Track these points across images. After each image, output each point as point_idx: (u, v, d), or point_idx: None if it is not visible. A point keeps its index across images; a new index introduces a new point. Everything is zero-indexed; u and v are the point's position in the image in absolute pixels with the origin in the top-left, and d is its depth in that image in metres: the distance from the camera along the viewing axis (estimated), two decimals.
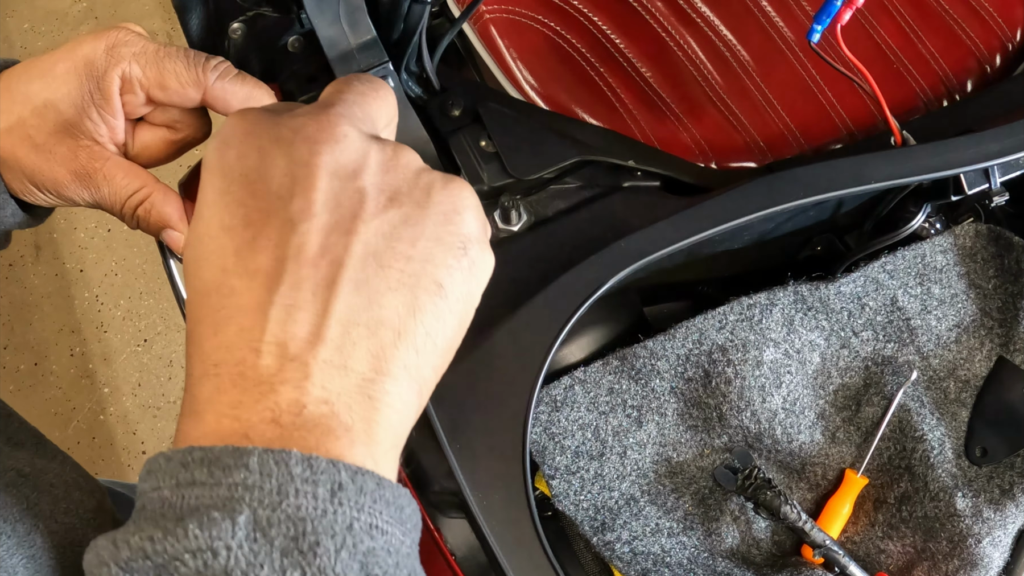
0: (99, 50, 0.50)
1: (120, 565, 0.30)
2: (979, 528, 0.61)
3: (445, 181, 0.38)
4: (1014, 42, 0.79)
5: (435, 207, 0.37)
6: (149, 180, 0.52)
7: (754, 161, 0.75)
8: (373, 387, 0.34)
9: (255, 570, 0.29)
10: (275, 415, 0.32)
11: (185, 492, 0.31)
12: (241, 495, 0.31)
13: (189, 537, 0.30)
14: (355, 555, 0.31)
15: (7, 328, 1.75)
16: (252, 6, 0.64)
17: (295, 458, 0.31)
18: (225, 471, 0.31)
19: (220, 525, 0.30)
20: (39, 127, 0.50)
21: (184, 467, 0.32)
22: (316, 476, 0.31)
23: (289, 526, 0.30)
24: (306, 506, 0.31)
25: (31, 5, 1.98)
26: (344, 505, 0.31)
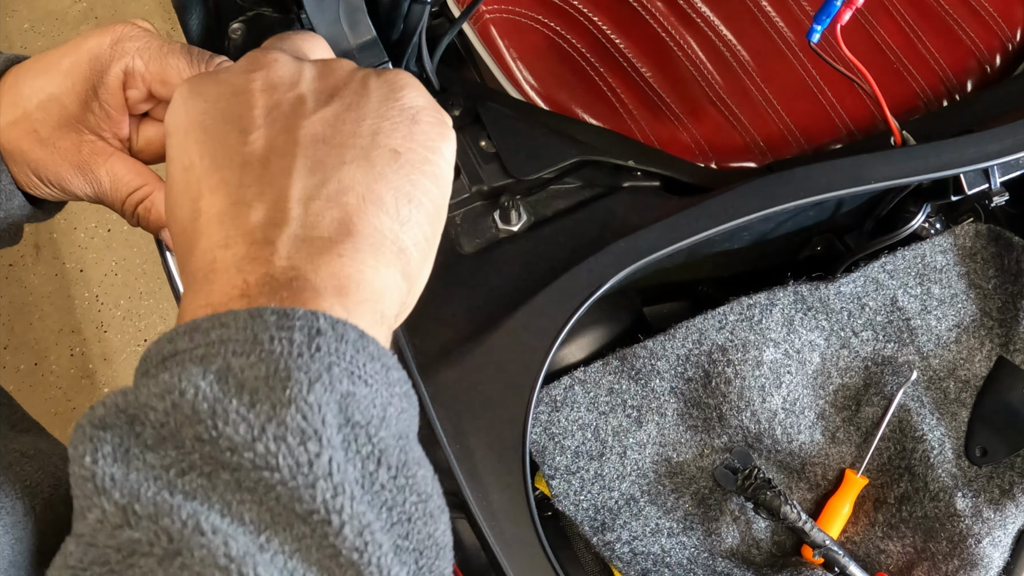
0: (104, 45, 0.50)
1: (94, 422, 0.30)
2: (979, 528, 0.61)
3: (380, 71, 0.40)
4: (1014, 42, 0.79)
5: (375, 91, 0.38)
6: (151, 178, 0.52)
7: (754, 161, 0.75)
8: (341, 247, 0.35)
9: (222, 404, 0.29)
10: (244, 290, 0.33)
11: (168, 362, 0.32)
12: (217, 350, 0.31)
13: (159, 382, 0.30)
14: (331, 393, 0.30)
15: (7, 328, 1.75)
16: (252, 6, 0.64)
17: (269, 309, 0.31)
18: (203, 333, 0.31)
19: (190, 370, 0.30)
20: (44, 121, 0.50)
21: (169, 342, 0.32)
22: (292, 323, 0.31)
23: (261, 368, 0.30)
24: (280, 350, 0.30)
25: (31, 5, 1.98)
26: (322, 350, 0.31)
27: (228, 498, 0.29)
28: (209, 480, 0.29)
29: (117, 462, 0.29)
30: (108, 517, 0.28)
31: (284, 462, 0.29)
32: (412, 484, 0.32)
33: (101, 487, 0.29)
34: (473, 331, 0.58)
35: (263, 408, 0.29)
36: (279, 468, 0.28)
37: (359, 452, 0.30)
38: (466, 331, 0.58)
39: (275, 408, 0.29)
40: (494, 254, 0.63)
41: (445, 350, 0.57)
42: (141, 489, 0.29)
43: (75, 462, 0.30)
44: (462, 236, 0.64)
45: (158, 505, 0.28)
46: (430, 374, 0.56)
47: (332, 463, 0.29)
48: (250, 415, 0.29)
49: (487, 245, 0.63)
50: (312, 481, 0.28)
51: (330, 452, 0.29)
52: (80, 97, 0.50)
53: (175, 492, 0.29)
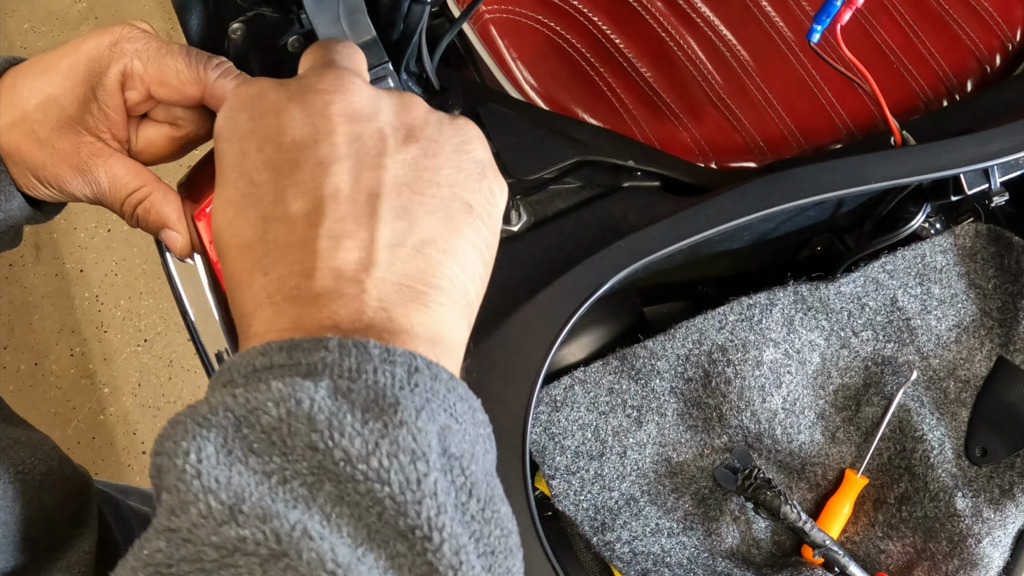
0: (103, 46, 0.50)
1: (198, 420, 0.30)
2: (979, 528, 0.61)
3: (452, 118, 0.40)
4: (1014, 42, 0.79)
5: (448, 139, 0.39)
6: (150, 179, 0.52)
7: (754, 161, 0.75)
8: (426, 298, 0.36)
9: (338, 417, 0.30)
10: (336, 322, 0.34)
11: (262, 374, 0.32)
12: (321, 370, 0.31)
13: (272, 390, 0.30)
14: (434, 423, 0.31)
15: (7, 328, 1.75)
16: (252, 6, 0.64)
17: (372, 343, 0.32)
18: (304, 353, 0.32)
19: (302, 384, 0.31)
20: (42, 122, 0.50)
21: (263, 355, 0.32)
22: (393, 358, 0.32)
23: (368, 392, 0.31)
24: (384, 381, 0.32)
25: (31, 5, 1.98)
26: (420, 387, 0.32)
27: (328, 510, 0.30)
28: (310, 490, 0.30)
29: (221, 463, 0.30)
30: (214, 514, 0.29)
31: (395, 477, 0.30)
32: (497, 518, 0.33)
33: (207, 486, 0.29)
34: (473, 331, 0.58)
35: (375, 426, 0.30)
36: (390, 483, 0.30)
37: (454, 482, 0.32)
38: None
39: (387, 427, 0.30)
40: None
41: None
42: (246, 492, 0.29)
43: (176, 456, 0.30)
44: None
45: (265, 508, 0.29)
46: None
47: (437, 484, 0.30)
48: (364, 431, 0.30)
49: None
50: (419, 498, 0.30)
51: (436, 475, 0.30)
52: (79, 98, 0.50)
53: (277, 499, 0.29)
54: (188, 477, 0.29)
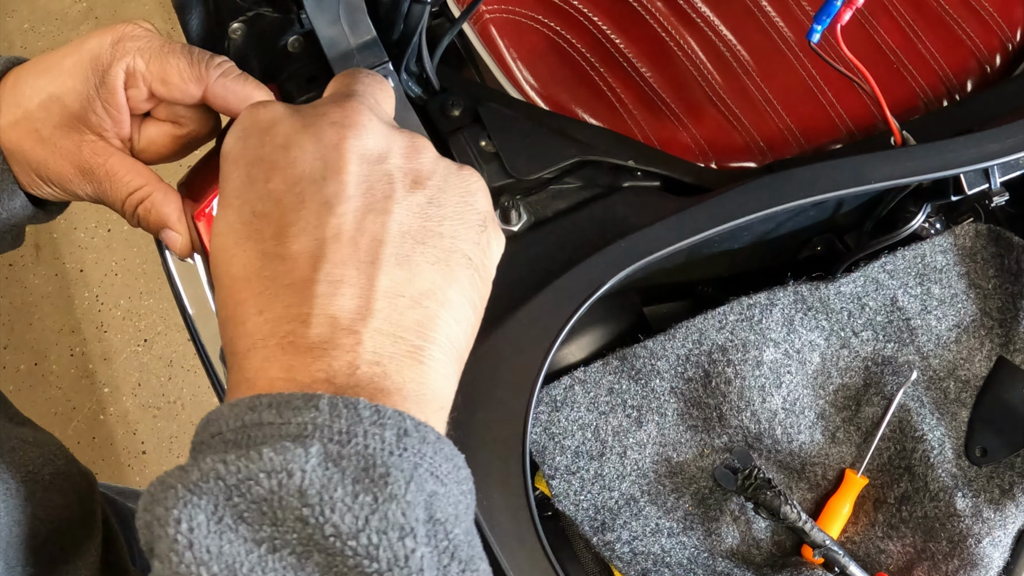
0: (105, 44, 0.50)
1: (188, 487, 0.30)
2: (979, 528, 0.61)
3: (458, 167, 0.40)
4: (1014, 42, 0.79)
5: (453, 189, 0.39)
6: (151, 179, 0.52)
7: (754, 161, 0.75)
8: (421, 353, 0.36)
9: (328, 491, 0.30)
10: (329, 375, 0.33)
11: (252, 432, 0.32)
12: (311, 432, 0.31)
13: (264, 459, 0.30)
14: (421, 492, 0.31)
15: (7, 328, 1.75)
16: (252, 6, 0.64)
17: (363, 403, 0.32)
18: (295, 411, 0.32)
19: (293, 451, 0.30)
20: (45, 120, 0.50)
21: (252, 410, 0.32)
22: (384, 420, 0.32)
23: (359, 460, 0.31)
24: (374, 446, 0.31)
25: (31, 5, 1.98)
26: (409, 451, 0.32)
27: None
28: (299, 560, 0.30)
29: (211, 533, 0.30)
30: None
31: (384, 554, 0.30)
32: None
33: (199, 558, 0.29)
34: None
35: (366, 499, 0.30)
36: (378, 559, 0.30)
37: (438, 547, 0.32)
38: None
39: (377, 501, 0.30)
40: None
41: None
42: (237, 563, 0.29)
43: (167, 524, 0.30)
44: None
45: None
46: None
47: (424, 560, 0.30)
48: (355, 505, 0.30)
49: None
50: (407, 575, 0.30)
51: (423, 550, 0.30)
52: (81, 96, 0.50)
53: (267, 569, 0.29)
54: (180, 548, 0.29)
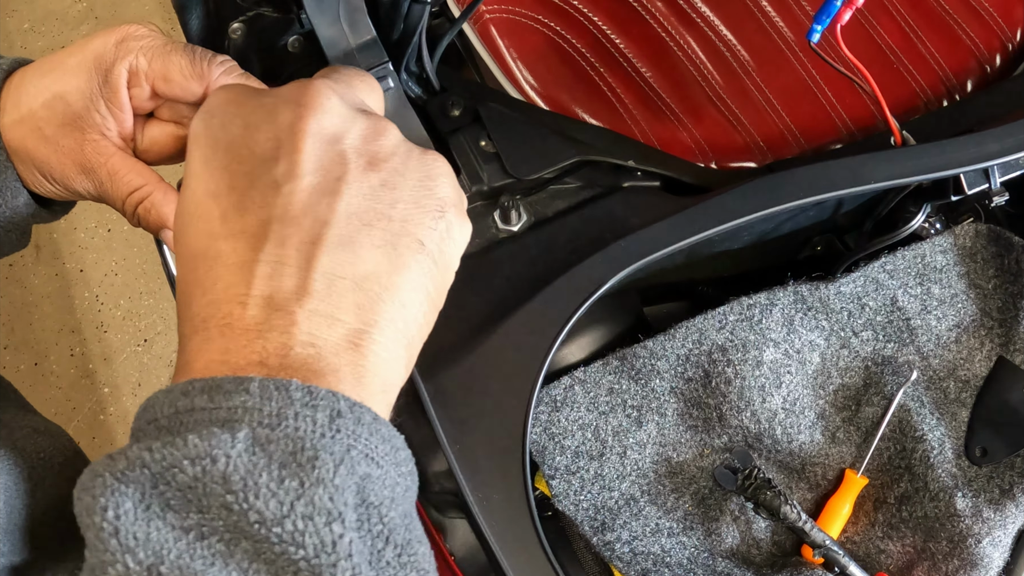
0: (109, 44, 0.50)
1: (116, 475, 0.30)
2: (979, 528, 0.61)
3: (422, 152, 0.40)
4: (1014, 42, 0.79)
5: (412, 173, 0.38)
6: (152, 179, 0.52)
7: (754, 161, 0.75)
8: (360, 337, 0.35)
9: (253, 476, 0.30)
10: (262, 358, 0.33)
11: (183, 417, 0.32)
12: (241, 416, 0.31)
13: (188, 446, 0.30)
14: (352, 476, 0.31)
15: (7, 328, 1.75)
16: (252, 6, 0.64)
17: (295, 384, 0.32)
18: (225, 396, 0.31)
19: (219, 437, 0.30)
20: (48, 119, 0.50)
21: (184, 395, 0.32)
22: (316, 402, 0.32)
23: (287, 443, 0.31)
24: (305, 428, 0.31)
25: (31, 5, 1.98)
26: (342, 432, 0.32)
27: (245, 566, 0.29)
28: (228, 547, 0.30)
29: (139, 520, 0.29)
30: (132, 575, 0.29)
31: (310, 540, 0.29)
32: (414, 562, 0.33)
33: (125, 544, 0.29)
34: (473, 331, 0.58)
35: (291, 484, 0.30)
36: (304, 546, 0.29)
37: (371, 531, 0.31)
38: (466, 331, 0.58)
39: (303, 486, 0.30)
40: (494, 254, 0.63)
41: (445, 350, 0.57)
42: (164, 549, 0.29)
43: (94, 513, 0.30)
44: None
45: (183, 569, 0.29)
46: (430, 374, 0.56)
47: (352, 545, 0.30)
48: (280, 491, 0.30)
49: (487, 245, 0.63)
50: (334, 561, 0.29)
51: (351, 535, 0.30)
52: (84, 95, 0.50)
53: (195, 556, 0.29)
54: (106, 535, 0.29)
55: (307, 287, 0.34)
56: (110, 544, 0.29)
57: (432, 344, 0.58)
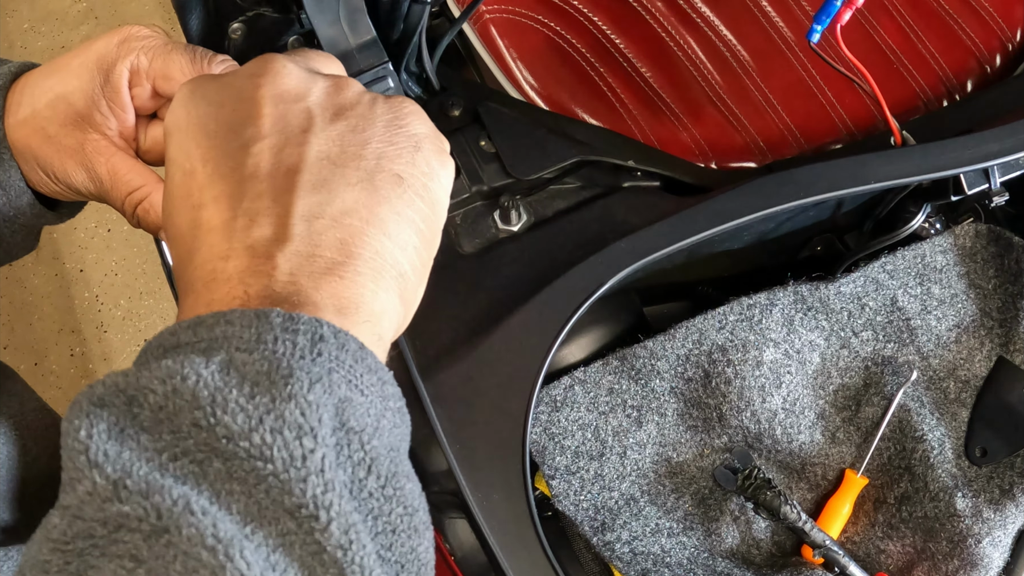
0: (111, 44, 0.51)
1: (92, 400, 0.30)
2: (979, 528, 0.61)
3: (387, 97, 0.40)
4: (1014, 42, 0.79)
5: (381, 116, 0.39)
6: (151, 179, 0.53)
7: (754, 161, 0.75)
8: (344, 268, 0.35)
9: (223, 393, 0.30)
10: (244, 300, 0.34)
11: (169, 352, 0.32)
12: (220, 344, 0.31)
13: (161, 368, 0.30)
14: (330, 396, 0.31)
15: (7, 328, 1.75)
16: (252, 6, 0.64)
17: (276, 312, 0.32)
18: (207, 328, 0.32)
19: (193, 359, 0.30)
20: (51, 119, 0.51)
21: (172, 334, 0.33)
22: (296, 326, 0.32)
23: (263, 364, 0.31)
24: (283, 351, 0.31)
25: (31, 5, 1.98)
26: (324, 355, 0.32)
27: (218, 487, 0.29)
28: (200, 467, 0.29)
29: (111, 439, 0.29)
30: (98, 490, 0.29)
31: (278, 454, 0.29)
32: (399, 496, 0.32)
33: (93, 460, 0.29)
34: (473, 331, 0.58)
35: (262, 400, 0.30)
36: (272, 460, 0.29)
37: (351, 457, 0.31)
38: (466, 331, 0.58)
39: (274, 401, 0.30)
40: (494, 254, 0.63)
41: (445, 350, 0.57)
42: (133, 467, 0.29)
43: (68, 435, 0.30)
44: (462, 236, 0.64)
45: (150, 483, 0.28)
46: (430, 374, 0.56)
47: (324, 460, 0.29)
48: (249, 406, 0.30)
49: (487, 245, 0.63)
50: (304, 476, 0.29)
51: (323, 451, 0.29)
52: (86, 95, 0.51)
53: (166, 474, 0.29)
54: (75, 454, 0.29)
55: (286, 232, 0.35)
56: (79, 461, 0.29)
57: (432, 344, 0.58)
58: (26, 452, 0.51)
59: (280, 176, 0.36)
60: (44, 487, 0.52)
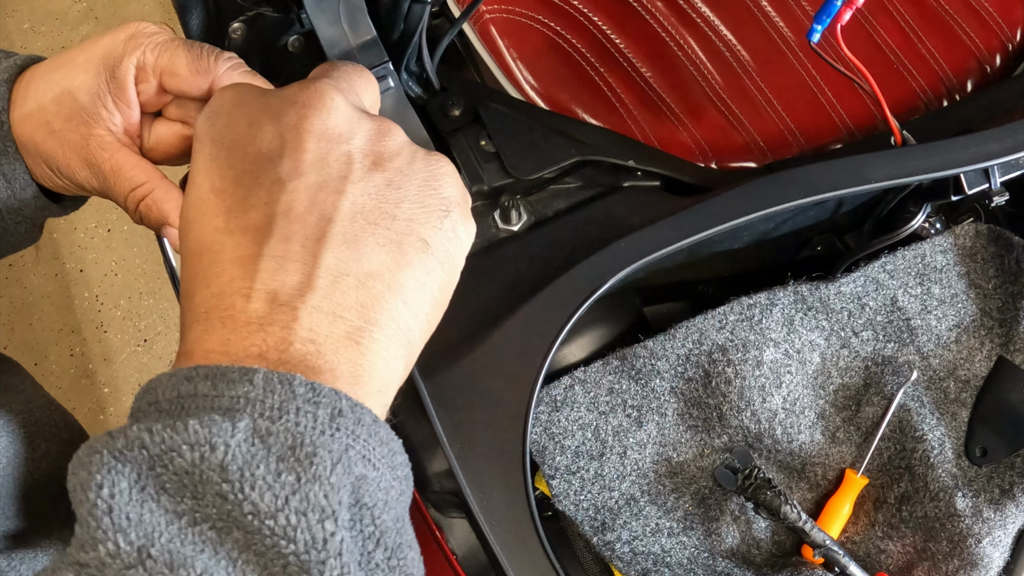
0: (118, 40, 0.51)
1: (114, 454, 0.30)
2: (979, 528, 0.61)
3: (426, 152, 0.40)
4: (1014, 42, 0.79)
5: (417, 173, 0.38)
6: (154, 176, 0.53)
7: (754, 161, 0.75)
8: (361, 335, 0.35)
9: (251, 468, 0.30)
10: (262, 351, 0.33)
11: (185, 402, 0.32)
12: (243, 406, 0.31)
13: (189, 431, 0.30)
14: (348, 475, 0.31)
15: (7, 328, 1.75)
16: (252, 6, 0.64)
17: (299, 379, 0.32)
18: (229, 384, 0.32)
19: (220, 425, 0.30)
20: (56, 113, 0.51)
21: (188, 380, 0.32)
22: (318, 398, 0.32)
23: (287, 437, 0.31)
24: (306, 424, 0.31)
25: (31, 5, 1.98)
26: (342, 431, 0.32)
27: (235, 556, 0.30)
28: (219, 535, 0.30)
29: (133, 500, 0.29)
30: (121, 555, 0.29)
31: (301, 536, 0.30)
32: (402, 565, 0.33)
33: (117, 524, 0.29)
34: (473, 331, 0.58)
35: (288, 479, 0.30)
36: (295, 540, 0.30)
37: (362, 532, 0.32)
38: (466, 331, 0.58)
39: (299, 481, 0.30)
40: (494, 254, 0.63)
41: (445, 350, 0.57)
42: (156, 533, 0.29)
43: (89, 489, 0.30)
44: None
45: (173, 554, 0.29)
46: (430, 374, 0.56)
47: (343, 544, 0.30)
48: (276, 484, 0.30)
49: (487, 245, 0.63)
50: (324, 558, 0.30)
51: (342, 533, 0.30)
52: (92, 91, 0.51)
53: (186, 542, 0.29)
54: (99, 512, 0.29)
55: (311, 283, 0.35)
56: (103, 522, 0.29)
57: (432, 344, 0.58)
58: (35, 448, 0.51)
59: (312, 221, 0.35)
60: (52, 486, 0.52)
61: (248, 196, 0.36)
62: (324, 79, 0.40)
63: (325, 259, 0.35)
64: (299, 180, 0.36)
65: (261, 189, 0.36)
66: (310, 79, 0.40)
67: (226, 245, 0.35)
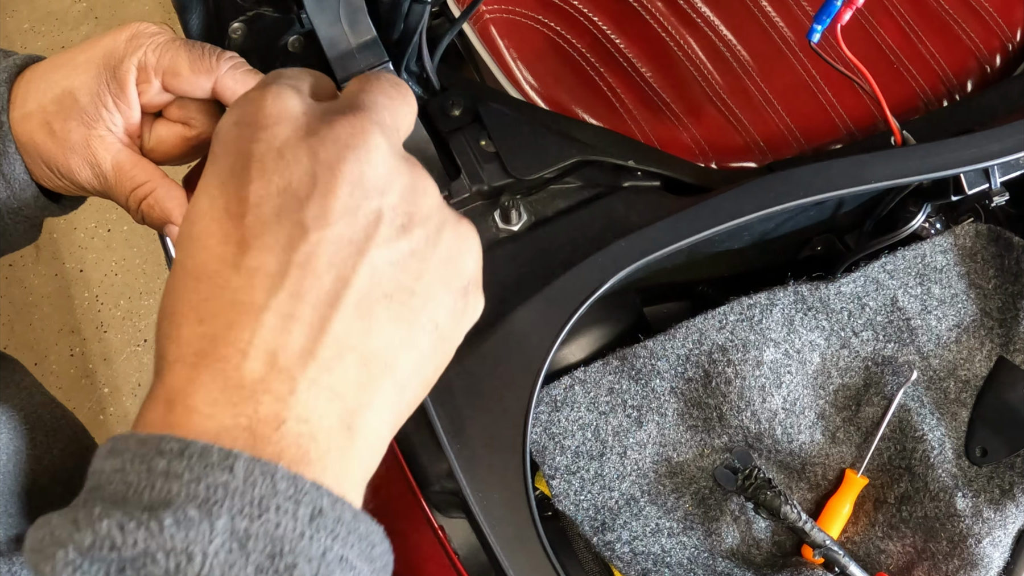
0: (119, 40, 0.51)
1: (80, 551, 0.28)
2: (979, 528, 0.61)
3: (456, 220, 0.38)
4: (1014, 42, 0.79)
5: (443, 245, 0.36)
6: (156, 175, 0.53)
7: (754, 161, 0.75)
8: (354, 418, 0.33)
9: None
10: (251, 424, 0.31)
11: (157, 482, 0.30)
12: (220, 498, 0.29)
13: (165, 535, 0.28)
14: None
15: (7, 328, 1.75)
16: (252, 6, 0.64)
17: (282, 473, 0.30)
18: (207, 469, 0.30)
19: (197, 527, 0.29)
20: (56, 113, 0.51)
21: (160, 455, 0.30)
22: (299, 496, 0.30)
23: (267, 543, 0.29)
24: (285, 525, 0.30)
25: (31, 5, 1.98)
26: (321, 532, 0.31)
27: None
28: None
29: None
30: None
31: None
32: None
33: None
34: (473, 331, 0.58)
35: None
36: None
37: None
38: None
39: None
40: (494, 254, 0.63)
41: None
42: None
43: None
44: None
45: None
46: None
47: None
48: None
49: (487, 245, 0.63)
50: None
51: None
52: (92, 91, 0.51)
53: None
54: None
55: (314, 352, 0.32)
56: None
57: None
58: (36, 445, 0.50)
59: (328, 282, 0.33)
60: (53, 486, 0.52)
61: (265, 233, 0.33)
62: (369, 112, 0.36)
63: (334, 328, 0.33)
64: (323, 231, 0.33)
65: (281, 230, 0.33)
66: (355, 106, 0.36)
67: (230, 282, 0.33)
